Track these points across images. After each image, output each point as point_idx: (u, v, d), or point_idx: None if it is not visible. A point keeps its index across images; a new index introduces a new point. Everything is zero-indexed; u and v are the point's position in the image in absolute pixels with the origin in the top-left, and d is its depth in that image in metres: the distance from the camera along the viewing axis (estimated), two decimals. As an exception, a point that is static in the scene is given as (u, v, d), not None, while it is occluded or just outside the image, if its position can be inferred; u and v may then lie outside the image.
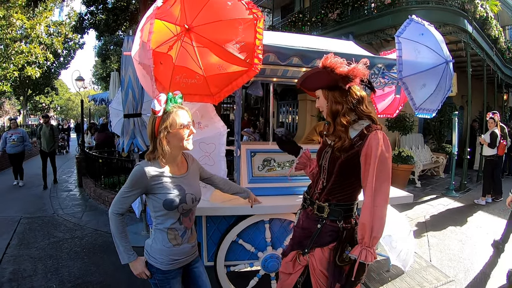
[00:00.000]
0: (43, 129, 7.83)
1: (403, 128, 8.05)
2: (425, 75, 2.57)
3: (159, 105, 1.57)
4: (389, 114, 3.85)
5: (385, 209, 1.63)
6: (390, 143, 1.66)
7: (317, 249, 1.79)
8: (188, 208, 1.73)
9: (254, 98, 14.52)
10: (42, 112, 30.83)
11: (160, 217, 1.71)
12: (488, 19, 9.27)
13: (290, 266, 1.97)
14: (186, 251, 1.79)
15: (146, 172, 1.63)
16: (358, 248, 1.63)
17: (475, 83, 9.59)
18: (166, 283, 1.75)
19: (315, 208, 1.85)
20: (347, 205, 1.78)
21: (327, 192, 1.81)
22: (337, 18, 9.07)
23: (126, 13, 10.52)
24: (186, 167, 1.83)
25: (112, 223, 1.66)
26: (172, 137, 1.64)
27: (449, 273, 3.66)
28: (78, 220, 5.36)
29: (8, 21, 12.33)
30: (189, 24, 2.10)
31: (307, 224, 1.89)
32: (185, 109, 1.70)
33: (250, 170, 2.86)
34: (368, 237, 1.60)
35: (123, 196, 1.66)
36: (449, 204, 6.57)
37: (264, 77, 3.18)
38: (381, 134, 1.65)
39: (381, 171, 1.61)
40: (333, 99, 1.74)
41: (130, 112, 3.87)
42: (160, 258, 1.71)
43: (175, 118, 1.62)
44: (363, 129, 1.70)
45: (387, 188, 1.64)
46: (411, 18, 2.75)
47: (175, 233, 1.72)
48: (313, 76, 1.82)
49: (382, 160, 1.61)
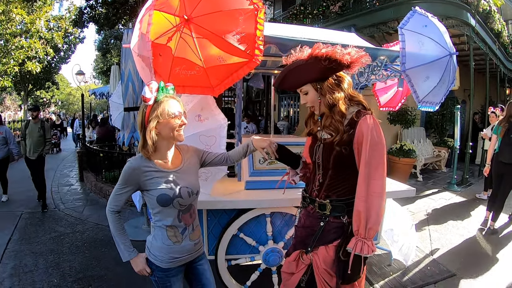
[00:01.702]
0: (29, 127, 5.69)
1: (405, 122, 8.00)
2: (428, 67, 2.54)
3: (150, 92, 1.51)
4: (392, 107, 3.82)
5: (382, 199, 1.57)
6: (392, 136, 1.63)
7: (321, 248, 1.73)
8: (185, 203, 1.66)
9: (255, 91, 14.49)
10: (43, 107, 30.80)
11: (158, 214, 1.66)
12: (491, 12, 9.19)
13: (293, 265, 1.90)
14: (188, 249, 1.73)
15: (136, 168, 1.59)
16: (353, 240, 1.59)
17: (477, 77, 9.52)
18: (166, 281, 1.71)
19: (316, 206, 1.78)
20: (348, 199, 1.70)
21: (326, 188, 1.75)
22: (338, 10, 9.00)
23: (125, 7, 10.43)
24: (180, 160, 1.75)
25: (109, 221, 1.64)
26: (163, 127, 1.57)
27: (451, 267, 3.65)
28: (79, 214, 5.36)
29: (8, 16, 12.26)
30: (188, 14, 2.06)
31: (309, 222, 1.83)
32: (176, 99, 1.64)
33: (251, 163, 2.84)
34: (364, 227, 1.55)
35: (116, 193, 1.63)
36: (451, 198, 6.56)
37: (265, 69, 3.16)
38: (370, 119, 1.60)
39: (373, 157, 1.56)
40: (328, 89, 1.67)
41: (130, 105, 3.84)
42: (159, 256, 1.67)
43: (166, 107, 1.56)
44: (352, 116, 1.66)
45: (382, 174, 1.58)
46: (414, 10, 2.72)
47: (175, 231, 1.67)
48: (296, 71, 1.70)
49: (373, 145, 1.56)
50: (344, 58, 1.60)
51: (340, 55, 1.59)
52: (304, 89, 1.75)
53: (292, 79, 1.75)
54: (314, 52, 1.62)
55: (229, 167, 2.69)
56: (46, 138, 5.73)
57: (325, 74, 1.66)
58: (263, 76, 3.93)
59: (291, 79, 1.75)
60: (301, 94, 1.81)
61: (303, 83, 1.73)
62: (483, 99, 10.77)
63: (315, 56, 1.61)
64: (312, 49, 1.65)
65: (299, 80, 1.74)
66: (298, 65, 1.68)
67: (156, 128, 1.56)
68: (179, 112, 1.61)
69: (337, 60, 1.59)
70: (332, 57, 1.59)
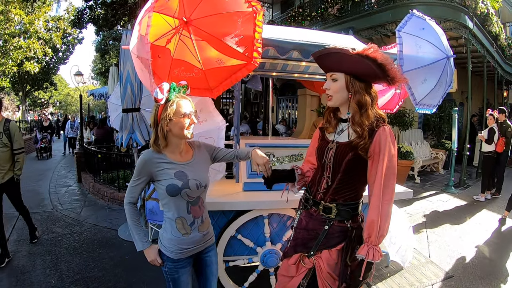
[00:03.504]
0: None
1: (402, 124, 8.04)
2: (426, 70, 2.55)
3: (161, 93, 1.62)
4: (389, 109, 3.83)
5: (391, 206, 1.59)
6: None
7: (324, 251, 1.71)
8: (193, 194, 1.74)
9: (254, 93, 14.50)
10: (41, 107, 30.70)
11: (167, 205, 1.75)
12: (489, 15, 9.25)
13: (293, 269, 1.85)
14: (196, 240, 1.80)
15: (148, 160, 1.70)
16: (365, 248, 1.57)
17: (475, 80, 9.58)
18: (175, 272, 1.78)
19: (321, 209, 1.75)
20: (354, 204, 1.71)
21: (333, 192, 1.72)
22: (337, 13, 9.04)
23: (125, 8, 10.46)
24: (191, 155, 1.85)
25: (126, 213, 1.76)
26: (174, 126, 1.67)
27: (448, 269, 3.66)
28: (77, 215, 5.35)
29: (7, 17, 12.25)
30: (187, 17, 2.08)
31: (312, 225, 1.79)
32: (188, 99, 1.73)
33: (249, 165, 2.85)
34: (375, 235, 1.56)
35: (132, 185, 1.74)
36: (448, 201, 6.57)
37: (263, 71, 3.16)
38: (388, 130, 1.60)
39: (388, 168, 1.57)
40: (360, 89, 1.62)
41: (129, 106, 3.84)
42: (169, 247, 1.75)
43: (176, 107, 1.65)
44: (373, 125, 1.63)
45: (394, 184, 1.59)
46: (412, 13, 2.73)
47: (183, 222, 1.75)
48: (340, 56, 1.61)
49: (390, 156, 1.57)
50: (392, 71, 1.56)
51: (390, 66, 1.55)
52: (336, 76, 1.68)
53: (332, 59, 1.67)
54: (368, 51, 1.55)
55: (227, 169, 2.70)
56: (14, 150, 3.69)
57: (365, 75, 1.62)
58: (261, 78, 3.94)
59: (332, 59, 1.67)
60: (328, 78, 1.73)
61: (339, 70, 1.66)
62: (480, 101, 10.83)
63: (367, 55, 1.54)
64: (366, 48, 1.58)
65: (338, 64, 1.65)
66: (346, 52, 1.58)
67: (167, 126, 1.66)
68: (190, 111, 1.70)
69: (386, 69, 1.55)
70: (384, 64, 1.54)
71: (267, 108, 11.71)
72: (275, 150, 2.96)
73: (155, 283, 3.17)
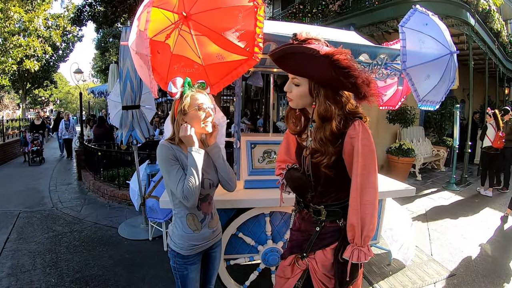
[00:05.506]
0: None
1: (404, 121, 7.99)
2: (429, 66, 2.52)
3: (175, 87, 1.61)
4: (391, 106, 3.80)
5: (374, 207, 1.49)
6: (391, 135, 1.56)
7: (318, 252, 1.66)
8: (204, 192, 1.74)
9: (254, 89, 14.46)
10: (41, 106, 30.66)
11: (179, 203, 1.73)
12: (490, 12, 9.18)
13: (288, 270, 1.81)
14: (206, 236, 1.81)
15: (170, 148, 1.68)
16: (349, 249, 1.52)
17: (476, 77, 9.53)
18: (184, 268, 1.79)
19: (311, 211, 1.70)
20: (343, 203, 1.62)
21: (319, 195, 1.66)
22: (338, 9, 8.97)
23: (124, 5, 10.40)
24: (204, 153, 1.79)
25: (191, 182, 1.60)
26: (190, 120, 1.66)
27: (450, 267, 3.64)
28: (77, 213, 5.33)
29: (6, 14, 12.23)
30: (187, 11, 2.04)
31: (304, 226, 1.76)
32: (203, 92, 1.72)
33: (251, 162, 2.82)
34: (359, 237, 1.49)
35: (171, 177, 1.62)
36: (450, 198, 6.55)
37: (264, 67, 3.13)
38: (358, 126, 1.46)
39: (364, 167, 1.46)
40: (325, 97, 1.44)
41: (129, 104, 3.82)
42: (179, 244, 1.75)
43: (191, 100, 1.64)
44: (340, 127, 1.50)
45: (374, 182, 1.49)
46: (415, 8, 2.70)
47: (194, 218, 1.75)
48: (303, 57, 1.41)
49: (364, 154, 1.45)
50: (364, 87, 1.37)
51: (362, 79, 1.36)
52: (298, 81, 1.50)
53: (293, 62, 1.48)
54: (336, 55, 1.34)
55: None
56: None
57: (332, 83, 1.42)
58: (262, 74, 3.91)
59: (293, 61, 1.48)
60: (290, 81, 1.55)
61: (302, 74, 1.48)
62: (482, 98, 10.79)
63: (335, 60, 1.34)
64: (335, 50, 1.37)
65: (299, 68, 1.47)
66: (309, 52, 1.38)
67: (183, 120, 1.66)
68: (205, 104, 1.68)
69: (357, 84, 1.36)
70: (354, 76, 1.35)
71: (268, 105, 11.69)
72: (276, 147, 2.92)
73: (155, 281, 3.15)
